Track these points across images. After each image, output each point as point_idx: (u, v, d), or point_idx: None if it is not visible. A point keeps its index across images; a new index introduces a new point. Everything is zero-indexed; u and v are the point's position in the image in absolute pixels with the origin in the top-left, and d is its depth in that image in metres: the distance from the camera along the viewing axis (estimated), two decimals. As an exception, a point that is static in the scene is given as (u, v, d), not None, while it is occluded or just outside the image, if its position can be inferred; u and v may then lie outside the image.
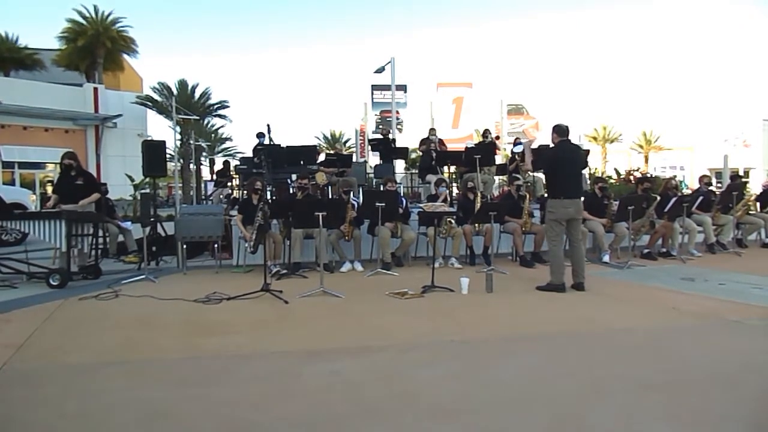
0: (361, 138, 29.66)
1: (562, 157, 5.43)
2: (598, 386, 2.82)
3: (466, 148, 10.10)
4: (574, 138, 5.57)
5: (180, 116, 15.07)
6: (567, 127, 5.58)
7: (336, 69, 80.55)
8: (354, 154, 27.16)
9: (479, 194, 7.75)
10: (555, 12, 75.66)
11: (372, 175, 11.70)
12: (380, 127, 27.47)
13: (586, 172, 6.01)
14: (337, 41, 79.63)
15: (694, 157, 33.68)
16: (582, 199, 5.70)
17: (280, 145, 8.90)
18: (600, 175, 17.46)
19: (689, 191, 13.79)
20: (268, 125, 6.60)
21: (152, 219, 7.61)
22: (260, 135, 9.83)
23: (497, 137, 10.75)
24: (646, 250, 7.87)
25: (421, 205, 7.59)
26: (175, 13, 68.79)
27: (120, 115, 21.51)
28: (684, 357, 3.32)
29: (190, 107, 19.25)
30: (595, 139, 34.76)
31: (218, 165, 14.28)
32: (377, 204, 6.54)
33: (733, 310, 4.45)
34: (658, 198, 7.89)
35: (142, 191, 13.67)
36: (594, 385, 2.83)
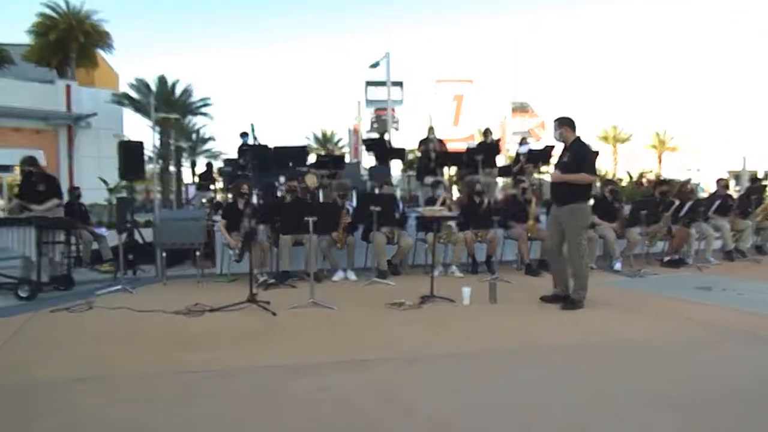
0: (355, 138, 29.70)
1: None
2: (606, 401, 2.84)
3: (468, 148, 10.17)
4: (583, 137, 5.46)
5: (159, 115, 15.08)
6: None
7: (327, 64, 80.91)
8: (347, 155, 27.19)
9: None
10: (561, 5, 76.35)
11: (366, 178, 11.73)
12: (375, 126, 27.51)
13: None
14: (328, 35, 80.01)
15: (711, 158, 33.91)
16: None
17: (267, 145, 8.92)
18: (610, 177, 17.56)
19: (706, 195, 13.88)
20: (252, 124, 6.67)
21: (129, 225, 7.61)
22: (244, 134, 9.86)
23: (498, 139, 10.80)
24: (666, 258, 7.92)
25: (419, 209, 7.63)
26: (153, 6, 68.91)
27: (94, 114, 21.44)
28: (698, 370, 3.36)
29: (170, 105, 19.27)
30: (605, 139, 34.97)
31: (200, 167, 14.34)
32: (372, 208, 6.56)
33: (751, 322, 4.49)
34: (677, 203, 7.95)
35: (118, 195, 13.61)
36: (602, 400, 2.85)
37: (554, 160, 6.34)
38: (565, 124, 5.24)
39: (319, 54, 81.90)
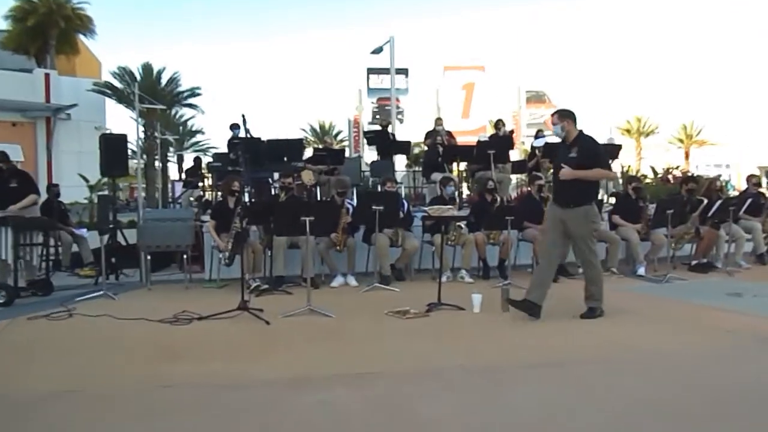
0: (355, 130, 29.73)
1: None
2: (627, 418, 2.83)
3: (478, 141, 10.14)
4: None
5: (144, 106, 15.07)
6: None
7: (325, 50, 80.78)
8: (347, 149, 27.23)
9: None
10: (580, -15, 76.10)
11: (368, 174, 11.74)
12: (377, 117, 27.54)
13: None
14: (326, 17, 79.98)
15: (742, 153, 33.79)
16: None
17: (259, 138, 8.94)
18: (634, 173, 17.50)
19: (736, 193, 13.83)
20: (243, 115, 6.65)
21: (111, 226, 7.62)
22: (234, 126, 9.86)
23: (512, 132, 10.78)
24: (694, 262, 7.89)
25: (425, 208, 7.62)
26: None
27: (75, 105, 21.48)
28: (727, 384, 3.34)
29: (155, 95, 19.22)
30: (628, 131, 34.89)
31: (188, 162, 14.36)
32: (374, 207, 6.55)
33: (787, 331, 4.47)
34: (705, 201, 7.91)
35: (100, 193, 13.67)
36: (623, 417, 2.84)
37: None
38: (567, 116, 5.11)
39: (319, 45, 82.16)
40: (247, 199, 7.23)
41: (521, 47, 66.80)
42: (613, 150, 10.68)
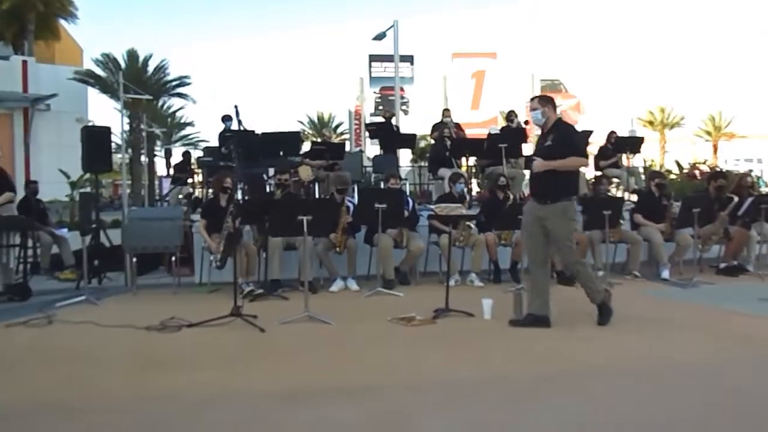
0: (357, 122, 29.74)
1: None
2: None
3: (489, 134, 10.15)
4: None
5: (129, 96, 15.09)
6: None
7: (324, 35, 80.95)
8: (347, 143, 27.25)
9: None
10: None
11: (370, 170, 11.75)
12: (380, 108, 27.50)
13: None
14: (329, 21, 79.97)
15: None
16: None
17: (254, 131, 8.95)
18: (657, 168, 17.47)
19: (769, 189, 13.79)
20: (236, 106, 6.66)
21: (94, 225, 7.64)
22: (227, 118, 9.88)
23: (527, 122, 10.77)
24: (722, 265, 7.88)
25: (432, 206, 7.62)
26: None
27: (55, 95, 21.50)
28: (759, 396, 3.33)
29: (141, 84, 19.25)
30: (651, 123, 34.80)
31: (176, 157, 14.37)
32: (377, 206, 6.55)
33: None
34: (735, 199, 7.90)
35: (82, 191, 13.71)
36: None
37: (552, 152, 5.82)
38: (548, 103, 5.15)
39: (318, 31, 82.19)
40: (240, 196, 7.24)
41: (535, 33, 66.73)
42: (635, 143, 10.69)
